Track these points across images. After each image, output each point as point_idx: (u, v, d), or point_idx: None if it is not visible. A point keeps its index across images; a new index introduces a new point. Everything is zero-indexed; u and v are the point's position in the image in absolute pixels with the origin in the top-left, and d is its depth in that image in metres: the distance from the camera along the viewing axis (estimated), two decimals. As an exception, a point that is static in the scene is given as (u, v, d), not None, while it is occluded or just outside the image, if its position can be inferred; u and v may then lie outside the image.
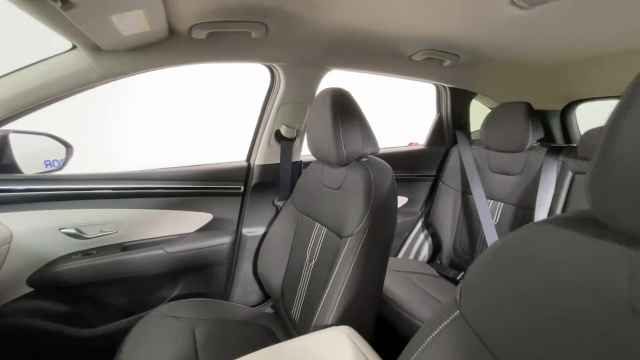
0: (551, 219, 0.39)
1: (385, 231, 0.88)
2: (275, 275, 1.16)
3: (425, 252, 1.76)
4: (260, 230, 1.33)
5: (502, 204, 1.43)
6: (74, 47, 0.87)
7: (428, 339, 0.46)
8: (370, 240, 0.83)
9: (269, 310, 1.34)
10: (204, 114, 3.18)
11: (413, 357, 0.47)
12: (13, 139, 1.07)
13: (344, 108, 0.92)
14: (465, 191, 1.55)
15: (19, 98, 0.86)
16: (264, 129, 1.28)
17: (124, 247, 1.15)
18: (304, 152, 1.34)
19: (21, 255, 0.99)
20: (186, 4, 0.75)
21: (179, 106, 3.08)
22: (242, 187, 1.31)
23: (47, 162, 1.23)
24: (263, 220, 1.34)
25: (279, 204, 1.33)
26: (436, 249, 1.74)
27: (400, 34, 1.08)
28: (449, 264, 1.59)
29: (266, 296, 1.37)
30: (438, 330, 0.46)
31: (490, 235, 1.36)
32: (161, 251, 1.17)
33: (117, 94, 2.82)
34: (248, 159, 1.34)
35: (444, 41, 1.15)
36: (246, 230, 1.33)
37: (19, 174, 1.01)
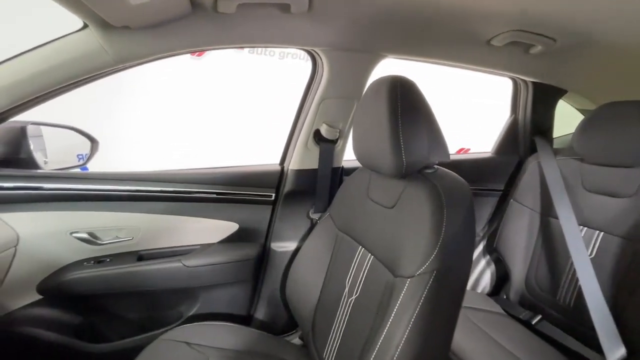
0: None
1: (460, 272, 0.64)
2: (306, 302, 0.96)
3: (485, 283, 1.46)
4: (292, 246, 1.14)
5: (602, 233, 1.09)
6: (85, 26, 0.73)
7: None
8: (440, 285, 0.60)
9: (296, 341, 1.14)
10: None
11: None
12: (32, 132, 0.99)
13: (406, 102, 0.69)
14: (547, 213, 1.23)
15: (23, 85, 0.75)
16: (301, 128, 1.09)
17: (140, 257, 1.03)
18: (348, 157, 1.13)
19: (29, 260, 0.90)
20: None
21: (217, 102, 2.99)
22: (274, 195, 1.13)
23: (80, 156, 1.16)
24: (295, 234, 1.15)
25: (315, 216, 1.13)
26: (501, 279, 1.43)
27: (479, 11, 0.82)
28: (519, 301, 1.28)
29: (294, 323, 1.18)
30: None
31: (585, 272, 1.04)
32: (179, 264, 1.03)
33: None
34: (281, 163, 1.16)
35: (538, 19, 0.87)
36: (275, 245, 1.14)
37: (27, 170, 0.92)
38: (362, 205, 0.86)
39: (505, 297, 1.34)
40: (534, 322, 1.15)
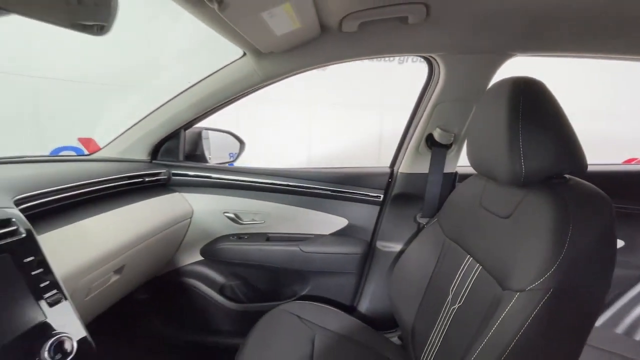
0: None
1: (587, 296, 0.56)
2: (407, 305, 0.98)
3: (650, 330, 1.13)
4: (397, 247, 1.17)
5: None
6: (244, 54, 0.96)
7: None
8: (557, 305, 0.54)
9: (395, 340, 1.16)
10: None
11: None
12: (204, 135, 1.33)
13: (529, 104, 0.63)
14: None
15: (203, 101, 1.03)
16: (414, 131, 1.11)
17: (268, 238, 1.24)
18: (462, 162, 1.08)
19: (197, 230, 1.21)
20: (336, -7, 0.68)
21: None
22: (382, 196, 1.18)
23: (232, 154, 1.49)
24: (401, 236, 1.17)
25: (422, 221, 1.13)
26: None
27: None
28: None
29: (394, 323, 1.20)
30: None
31: None
32: (296, 248, 1.19)
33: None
34: (392, 166, 1.20)
35: None
36: (381, 244, 1.19)
37: (201, 163, 1.24)
38: (474, 214, 0.83)
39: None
40: None
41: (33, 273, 0.55)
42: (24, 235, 0.57)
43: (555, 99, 0.64)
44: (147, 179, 1.06)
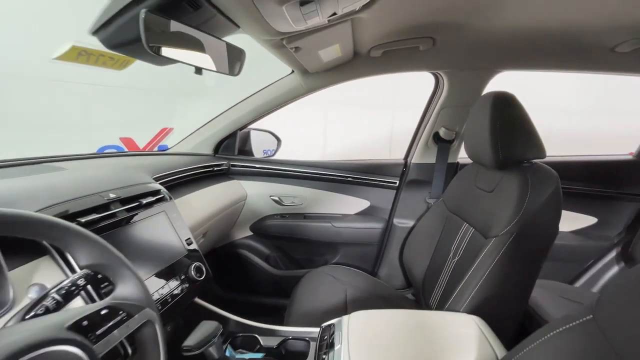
0: None
1: (534, 243, 0.83)
2: (418, 266, 1.26)
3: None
4: (410, 223, 1.46)
5: None
6: (292, 72, 1.26)
7: (551, 333, 0.49)
8: (516, 245, 0.82)
9: (409, 296, 1.45)
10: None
11: (531, 346, 0.51)
12: (252, 134, 1.64)
13: (504, 111, 0.91)
14: None
15: (260, 107, 1.34)
16: (424, 130, 1.39)
17: (305, 216, 1.54)
18: (463, 155, 1.36)
19: (249, 210, 1.52)
20: (367, 33, 0.97)
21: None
22: (398, 182, 1.47)
23: (265, 151, 1.79)
24: (413, 214, 1.46)
25: (430, 201, 1.41)
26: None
27: (595, 25, 0.94)
28: None
29: (408, 283, 1.48)
30: (564, 327, 0.48)
31: None
32: (329, 224, 1.49)
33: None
34: (406, 157, 1.49)
35: None
36: (397, 221, 1.48)
37: (253, 157, 1.54)
38: (470, 192, 1.11)
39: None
40: None
41: (180, 226, 0.86)
42: (169, 200, 0.88)
43: (522, 106, 0.92)
44: (215, 169, 1.37)
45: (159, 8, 0.55)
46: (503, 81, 1.24)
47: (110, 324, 0.42)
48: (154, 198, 0.84)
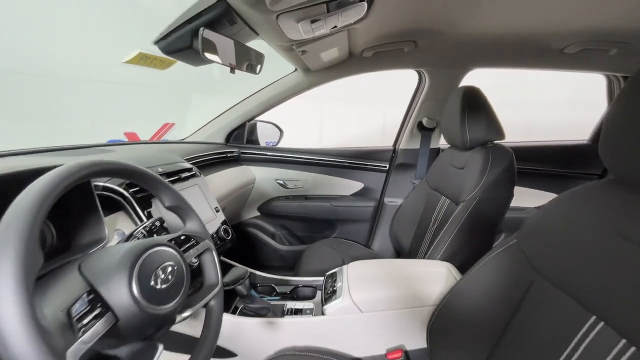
0: None
1: (493, 205, 1.05)
2: (406, 237, 1.48)
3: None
4: (398, 201, 1.67)
5: None
6: (295, 70, 1.45)
7: (491, 255, 0.70)
8: (479, 209, 1.03)
9: (398, 264, 1.67)
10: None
11: (474, 269, 0.72)
12: (258, 125, 1.83)
13: (471, 101, 1.13)
14: None
15: (267, 101, 1.53)
16: (409, 119, 1.60)
17: (306, 198, 1.75)
18: (443, 142, 1.58)
19: (257, 192, 1.72)
20: (360, 38, 1.17)
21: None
22: (388, 166, 1.69)
23: (267, 142, 1.98)
24: (401, 193, 1.68)
25: (415, 182, 1.63)
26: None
27: (548, 31, 1.15)
28: None
29: (397, 254, 1.71)
30: (499, 250, 0.69)
31: None
32: (328, 204, 1.70)
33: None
34: (394, 144, 1.70)
35: (605, 32, 1.13)
36: (387, 200, 1.70)
37: (259, 145, 1.74)
38: (447, 170, 1.33)
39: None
40: None
41: (209, 197, 1.06)
42: (199, 176, 1.08)
43: (485, 97, 1.14)
44: (228, 155, 1.56)
45: (207, 24, 0.74)
46: (491, 81, 1.46)
47: (187, 245, 0.62)
48: (189, 174, 1.03)
